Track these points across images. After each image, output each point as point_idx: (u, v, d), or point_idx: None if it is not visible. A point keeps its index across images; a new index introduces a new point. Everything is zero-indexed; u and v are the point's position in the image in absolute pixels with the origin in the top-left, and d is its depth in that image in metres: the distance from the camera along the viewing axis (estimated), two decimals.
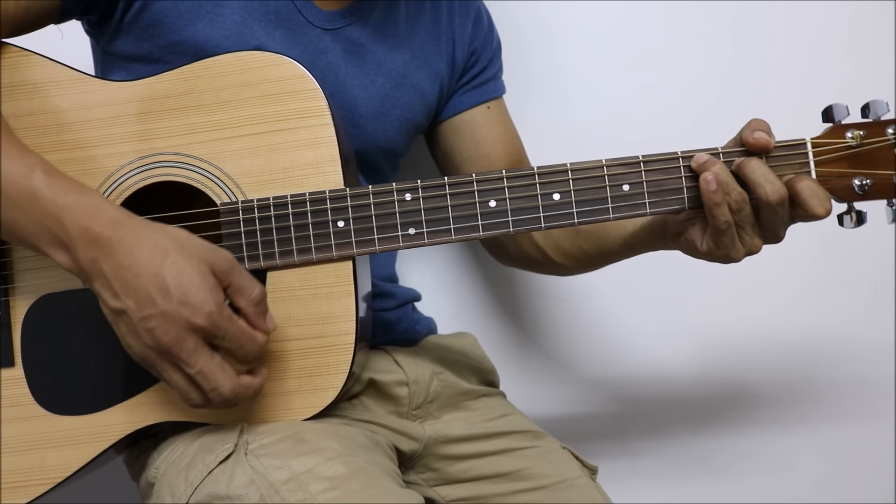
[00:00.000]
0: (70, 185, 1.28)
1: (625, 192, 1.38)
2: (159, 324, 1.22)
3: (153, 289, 1.21)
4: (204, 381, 1.24)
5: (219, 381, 1.25)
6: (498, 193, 1.39)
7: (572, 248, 1.71)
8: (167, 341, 1.22)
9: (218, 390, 1.25)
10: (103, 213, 1.25)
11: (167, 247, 1.24)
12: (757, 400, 2.14)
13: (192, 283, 1.22)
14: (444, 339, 1.83)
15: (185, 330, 1.22)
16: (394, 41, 1.66)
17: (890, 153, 1.36)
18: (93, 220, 1.24)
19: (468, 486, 1.64)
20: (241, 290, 1.27)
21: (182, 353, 1.23)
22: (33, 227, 1.26)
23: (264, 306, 1.30)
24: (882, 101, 1.36)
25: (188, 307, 1.21)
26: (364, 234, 1.39)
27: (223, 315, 1.24)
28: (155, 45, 1.50)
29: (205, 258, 1.25)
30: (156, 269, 1.22)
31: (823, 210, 1.34)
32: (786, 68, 2.07)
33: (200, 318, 1.22)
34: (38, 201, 1.25)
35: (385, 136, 1.66)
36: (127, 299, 1.23)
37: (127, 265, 1.22)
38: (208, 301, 1.22)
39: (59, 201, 1.25)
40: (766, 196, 1.33)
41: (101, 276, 1.24)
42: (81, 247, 1.24)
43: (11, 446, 1.42)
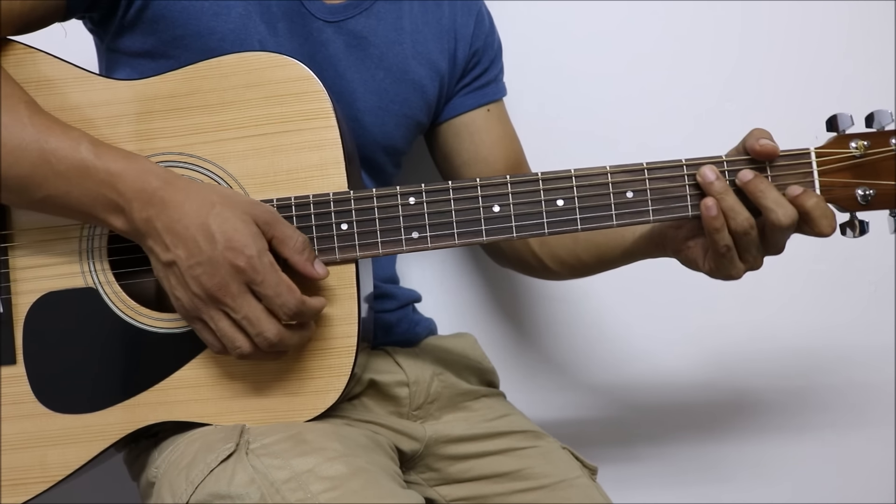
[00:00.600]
0: (118, 152, 1.33)
1: (629, 199, 1.38)
2: (205, 269, 1.28)
3: (200, 237, 1.28)
4: (249, 326, 1.30)
5: (263, 325, 1.30)
6: (502, 198, 1.39)
7: (569, 256, 1.71)
8: (213, 286, 1.28)
9: (263, 334, 1.30)
10: (154, 175, 1.31)
11: (213, 199, 1.30)
12: (757, 403, 2.14)
13: (235, 229, 1.28)
14: (445, 339, 1.83)
15: (229, 273, 1.28)
16: (397, 36, 1.66)
17: (893, 163, 1.36)
18: (145, 182, 1.30)
19: (468, 485, 1.65)
20: (284, 241, 1.32)
21: (227, 298, 1.28)
22: (88, 198, 1.32)
23: (311, 253, 1.35)
24: (886, 112, 1.36)
25: (231, 251, 1.27)
26: (367, 237, 1.39)
27: (263, 261, 1.29)
28: (159, 41, 1.50)
29: (248, 210, 1.31)
30: (203, 220, 1.28)
31: (831, 229, 1.35)
32: (786, 69, 2.07)
33: (241, 260, 1.27)
34: (90, 172, 1.31)
35: (384, 131, 1.66)
36: (177, 250, 1.29)
37: (177, 218, 1.29)
38: (249, 245, 1.28)
39: (112, 169, 1.31)
40: (778, 220, 1.33)
41: (154, 233, 1.30)
42: (137, 208, 1.30)
43: (12, 444, 1.42)
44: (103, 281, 1.42)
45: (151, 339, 1.42)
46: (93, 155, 1.31)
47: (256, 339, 1.30)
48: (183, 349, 1.42)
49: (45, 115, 1.35)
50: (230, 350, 1.32)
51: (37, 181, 1.31)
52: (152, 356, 1.43)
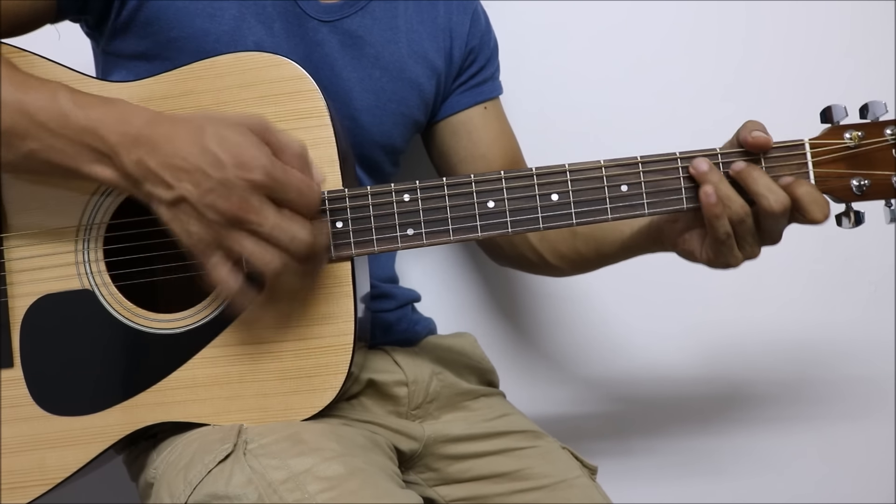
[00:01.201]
0: (96, 99, 1.30)
1: (623, 192, 1.38)
2: (220, 193, 1.23)
3: (204, 163, 1.23)
4: (281, 234, 1.25)
5: (294, 228, 1.26)
6: (496, 194, 1.39)
7: (569, 251, 1.71)
8: (231, 207, 1.23)
9: (297, 237, 1.26)
10: (135, 115, 1.28)
11: (202, 124, 1.26)
12: (757, 400, 2.14)
13: (238, 144, 1.24)
14: (444, 339, 1.83)
15: (246, 191, 1.23)
16: (392, 35, 1.66)
17: (888, 154, 1.36)
18: (127, 124, 1.26)
19: (468, 485, 1.65)
20: (282, 147, 1.28)
21: (250, 214, 1.23)
22: (71, 148, 1.28)
23: (307, 158, 1.31)
24: (880, 102, 1.36)
25: (242, 167, 1.23)
26: (362, 234, 1.39)
27: (277, 167, 1.25)
28: (154, 43, 1.50)
29: (240, 122, 1.27)
30: (201, 146, 1.24)
31: (822, 216, 1.34)
32: (786, 68, 2.07)
33: (258, 174, 1.23)
34: (70, 120, 1.27)
35: (381, 130, 1.67)
36: (182, 184, 1.24)
37: (172, 152, 1.24)
38: (259, 157, 1.24)
39: (91, 115, 1.27)
40: (770, 207, 1.33)
41: (150, 174, 1.25)
42: (124, 151, 1.25)
43: (11, 447, 1.42)
44: (100, 283, 1.42)
45: (148, 340, 1.42)
46: (71, 103, 1.27)
47: (292, 245, 1.25)
48: (180, 350, 1.42)
49: (23, 72, 1.34)
50: (263, 267, 1.26)
51: (18, 133, 1.28)
52: (149, 357, 1.43)
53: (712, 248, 1.40)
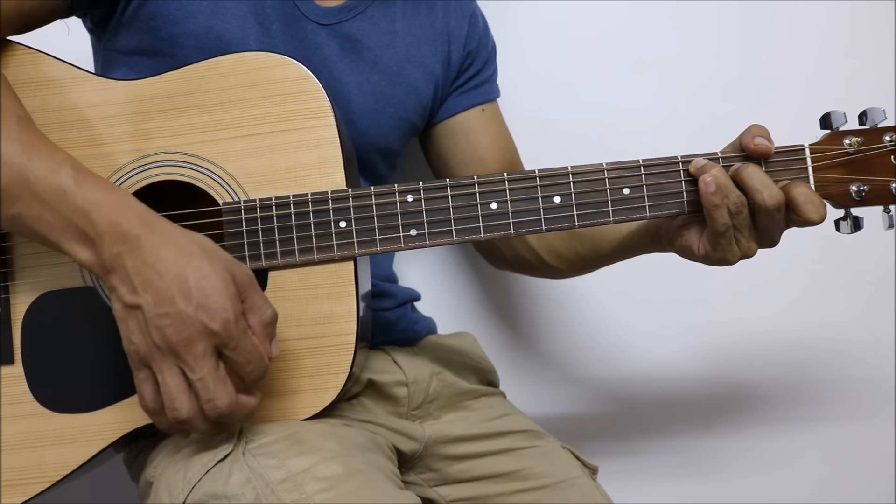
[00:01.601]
0: (99, 182, 1.27)
1: (625, 195, 1.39)
2: (173, 322, 1.20)
3: (174, 288, 1.21)
4: (203, 389, 1.22)
5: (218, 392, 1.23)
6: (499, 195, 1.39)
7: (567, 251, 1.72)
8: (178, 341, 1.20)
9: (214, 402, 1.23)
10: (133, 210, 1.25)
11: (193, 250, 1.24)
12: (757, 400, 2.14)
13: (214, 288, 1.22)
14: (444, 339, 1.83)
15: (198, 333, 1.21)
16: (390, 39, 1.67)
17: (887, 160, 1.37)
18: (122, 216, 1.24)
19: (468, 486, 1.65)
20: (254, 309, 1.26)
21: (189, 356, 1.21)
22: (59, 223, 1.26)
23: (273, 330, 1.29)
24: (879, 109, 1.37)
25: (206, 311, 1.20)
26: (366, 234, 1.40)
27: (239, 326, 1.23)
28: (155, 38, 1.50)
29: (228, 267, 1.25)
30: (180, 270, 1.21)
31: (818, 216, 1.35)
32: (786, 68, 2.08)
33: (216, 324, 1.21)
34: (67, 197, 1.25)
35: (379, 133, 1.67)
36: (145, 294, 1.21)
37: (151, 262, 1.22)
38: (227, 308, 1.21)
39: (89, 197, 1.24)
40: (763, 201, 1.34)
41: (121, 271, 1.23)
42: (108, 242, 1.23)
43: (10, 444, 1.42)
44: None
45: None
46: (73, 181, 1.26)
47: (206, 405, 1.23)
48: None
49: (37, 134, 1.32)
50: (167, 409, 1.24)
51: (11, 197, 1.27)
52: None
53: (710, 242, 1.40)
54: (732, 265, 1.42)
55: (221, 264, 1.24)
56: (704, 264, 1.45)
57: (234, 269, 1.26)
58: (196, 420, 1.25)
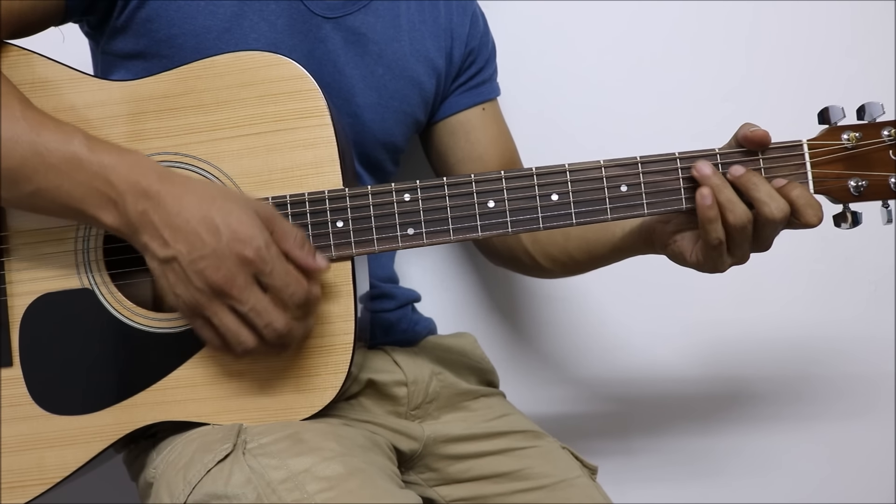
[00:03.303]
0: (111, 146, 1.31)
1: (623, 192, 1.38)
2: (210, 262, 1.25)
3: (203, 230, 1.25)
4: (257, 317, 1.27)
5: (271, 315, 1.27)
6: (496, 194, 1.39)
7: (561, 254, 1.71)
8: (218, 279, 1.25)
9: (272, 325, 1.28)
10: (149, 168, 1.29)
11: (213, 194, 1.28)
12: (757, 400, 2.14)
13: (240, 221, 1.26)
14: (444, 339, 1.83)
15: (235, 265, 1.25)
16: (395, 33, 1.67)
17: (885, 155, 1.37)
18: (140, 174, 1.27)
19: (468, 485, 1.65)
20: (284, 236, 1.29)
21: (234, 290, 1.26)
22: (79, 191, 1.28)
23: (310, 247, 1.32)
24: (877, 104, 1.36)
25: (237, 242, 1.25)
26: (363, 234, 1.39)
27: (271, 251, 1.27)
28: (152, 40, 1.50)
29: (250, 203, 1.30)
30: (204, 213, 1.26)
31: (817, 219, 1.35)
32: (786, 68, 2.07)
33: (249, 251, 1.25)
34: (83, 163, 1.28)
35: (383, 127, 1.67)
36: (177, 244, 1.25)
37: (176, 212, 1.26)
38: (256, 236, 1.26)
39: (105, 161, 1.28)
40: (771, 214, 1.33)
41: (150, 227, 1.26)
42: (131, 200, 1.26)
43: (10, 446, 1.42)
44: (99, 281, 1.42)
45: (148, 339, 1.42)
46: (85, 148, 1.28)
47: (265, 331, 1.28)
48: (179, 349, 1.42)
49: (39, 112, 1.34)
50: (234, 346, 1.30)
51: (27, 173, 1.28)
52: (149, 356, 1.42)
53: (703, 252, 1.40)
54: (723, 273, 1.43)
55: (243, 201, 1.30)
56: (696, 270, 1.45)
57: (256, 204, 1.30)
58: (262, 347, 1.31)
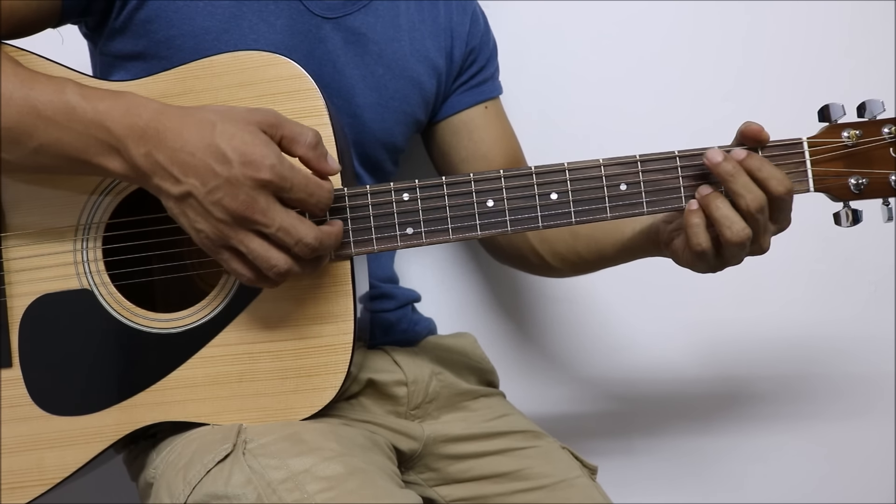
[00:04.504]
0: (104, 92, 1.30)
1: (622, 191, 1.38)
2: (227, 191, 1.23)
3: (211, 159, 1.23)
4: (286, 236, 1.25)
5: (300, 231, 1.25)
6: (495, 193, 1.39)
7: (569, 253, 1.71)
8: (238, 206, 1.23)
9: (303, 240, 1.25)
10: (143, 107, 1.27)
11: (212, 119, 1.26)
12: (757, 400, 2.13)
13: (245, 142, 1.24)
14: (444, 339, 1.84)
15: (253, 189, 1.23)
16: (395, 33, 1.67)
17: (886, 152, 1.36)
18: (135, 116, 1.26)
19: (468, 485, 1.65)
20: (294, 139, 1.28)
21: (256, 214, 1.23)
22: (79, 141, 1.28)
23: (322, 149, 1.31)
24: (878, 101, 1.36)
25: (250, 165, 1.22)
26: (362, 233, 1.39)
27: (285, 165, 1.24)
28: (151, 41, 1.50)
29: (251, 119, 1.27)
30: (208, 141, 1.24)
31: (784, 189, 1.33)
32: (786, 68, 2.07)
33: (265, 172, 1.23)
34: (77, 113, 1.27)
35: (383, 127, 1.67)
36: (189, 179, 1.24)
37: (179, 147, 1.24)
38: (267, 155, 1.23)
39: (99, 107, 1.27)
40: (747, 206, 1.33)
41: (158, 168, 1.25)
42: (132, 144, 1.25)
43: (9, 447, 1.42)
44: (98, 282, 1.42)
45: (147, 339, 1.42)
46: (78, 96, 1.27)
47: (297, 248, 1.26)
48: (179, 349, 1.42)
49: (28, 69, 1.34)
50: (267, 270, 1.27)
51: (26, 130, 1.28)
52: (148, 357, 1.43)
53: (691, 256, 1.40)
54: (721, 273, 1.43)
55: (243, 119, 1.27)
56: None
57: (257, 116, 1.28)
58: (296, 266, 1.29)
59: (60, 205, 1.44)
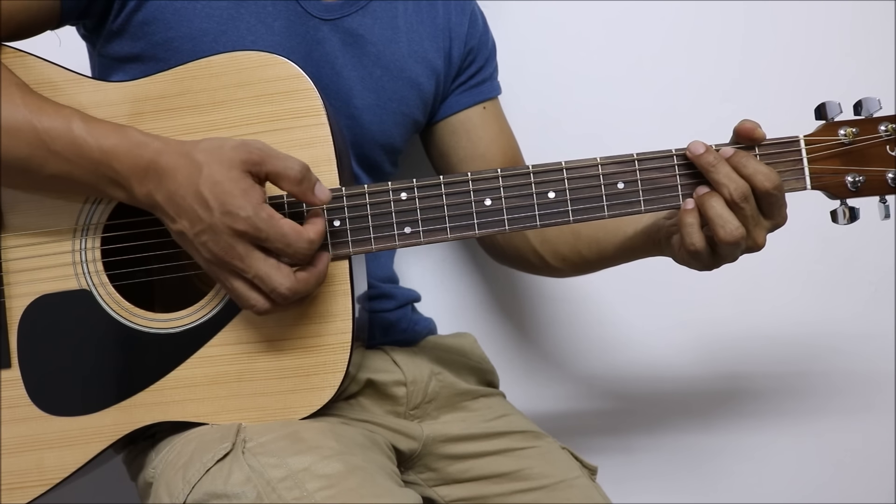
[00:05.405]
0: (108, 127, 1.34)
1: (619, 189, 1.38)
2: (209, 237, 1.28)
3: (197, 205, 1.28)
4: (262, 283, 1.29)
5: (274, 280, 1.29)
6: (493, 192, 1.39)
7: (571, 253, 1.71)
8: (219, 251, 1.28)
9: (277, 290, 1.29)
10: (146, 147, 1.31)
11: (200, 161, 1.29)
12: (757, 400, 2.13)
13: (225, 192, 1.27)
14: (444, 339, 1.84)
15: (230, 237, 1.28)
16: (393, 34, 1.66)
17: (882, 150, 1.36)
18: (138, 156, 1.31)
19: (468, 486, 1.64)
20: (279, 175, 1.30)
21: (234, 260, 1.29)
22: (88, 177, 1.34)
23: (310, 181, 1.32)
24: (874, 99, 1.36)
25: (228, 215, 1.27)
26: (360, 233, 1.39)
27: (261, 217, 1.27)
28: (149, 43, 1.50)
29: (236, 160, 1.29)
30: (195, 187, 1.28)
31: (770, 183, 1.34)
32: (786, 68, 2.07)
33: (240, 224, 1.26)
34: (84, 150, 1.32)
35: (381, 128, 1.67)
36: (181, 220, 1.30)
37: (173, 190, 1.29)
38: (244, 206, 1.26)
39: (104, 146, 1.32)
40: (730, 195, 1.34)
41: (157, 206, 1.32)
42: (135, 183, 1.31)
43: (9, 447, 1.42)
44: (97, 282, 1.43)
45: (146, 339, 1.42)
46: (85, 132, 1.32)
47: (272, 295, 1.30)
48: (178, 349, 1.42)
49: (37, 96, 1.36)
50: (247, 307, 1.32)
51: (37, 162, 1.33)
52: (147, 357, 1.43)
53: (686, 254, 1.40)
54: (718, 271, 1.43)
55: (227, 160, 1.29)
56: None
57: (240, 155, 1.30)
58: (273, 308, 1.33)
59: (59, 205, 1.44)
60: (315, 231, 1.31)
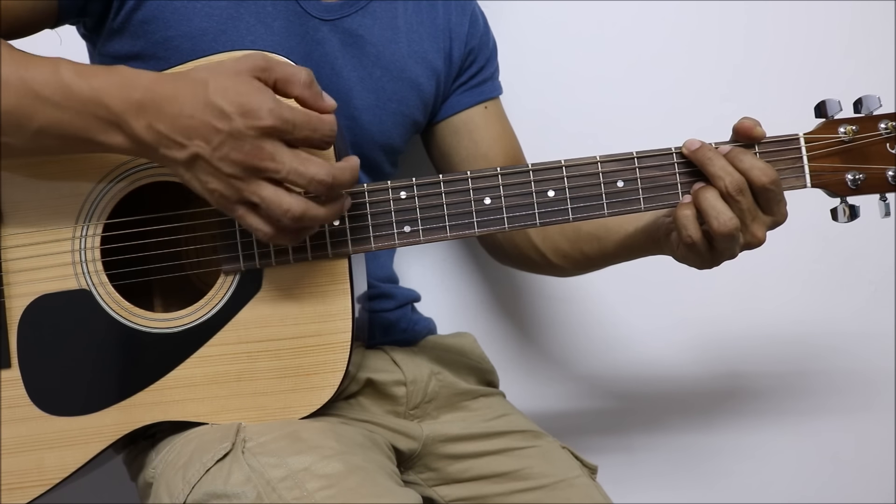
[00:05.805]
0: (97, 68, 1.28)
1: (619, 188, 1.39)
2: (231, 146, 1.22)
3: (211, 117, 1.22)
4: (299, 177, 1.23)
5: (311, 169, 1.23)
6: (493, 191, 1.39)
7: (572, 251, 1.71)
8: (245, 157, 1.22)
9: (316, 178, 1.23)
10: (137, 80, 1.26)
11: (204, 77, 1.25)
12: (757, 400, 2.14)
13: (240, 93, 1.22)
14: (444, 339, 1.84)
15: (256, 138, 1.22)
16: (393, 34, 1.66)
17: (882, 148, 1.37)
18: (130, 89, 1.24)
19: (468, 485, 1.64)
20: (288, 80, 1.26)
21: (265, 161, 1.22)
22: (79, 120, 1.26)
23: (317, 86, 1.29)
24: (874, 97, 1.36)
25: (249, 115, 1.21)
26: (359, 232, 1.39)
27: (283, 107, 1.23)
28: (149, 42, 1.50)
29: (241, 68, 1.25)
30: (204, 101, 1.22)
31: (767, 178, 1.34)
32: (786, 68, 2.08)
33: (265, 119, 1.21)
34: (74, 91, 1.25)
35: (381, 129, 1.67)
36: (194, 141, 1.23)
37: (178, 112, 1.23)
38: (264, 101, 1.22)
39: (94, 84, 1.25)
40: (726, 188, 1.34)
41: (161, 138, 1.24)
42: (132, 118, 1.24)
43: (9, 447, 1.42)
44: (97, 282, 1.42)
45: (146, 339, 1.42)
46: (73, 74, 1.26)
47: (311, 187, 1.24)
48: (177, 349, 1.42)
49: (22, 52, 1.32)
50: (282, 216, 1.25)
51: (26, 112, 1.27)
52: (147, 356, 1.42)
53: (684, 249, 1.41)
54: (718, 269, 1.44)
55: (233, 71, 1.25)
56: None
57: (247, 63, 1.26)
58: (312, 209, 1.27)
59: (58, 205, 1.43)
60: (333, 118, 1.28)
